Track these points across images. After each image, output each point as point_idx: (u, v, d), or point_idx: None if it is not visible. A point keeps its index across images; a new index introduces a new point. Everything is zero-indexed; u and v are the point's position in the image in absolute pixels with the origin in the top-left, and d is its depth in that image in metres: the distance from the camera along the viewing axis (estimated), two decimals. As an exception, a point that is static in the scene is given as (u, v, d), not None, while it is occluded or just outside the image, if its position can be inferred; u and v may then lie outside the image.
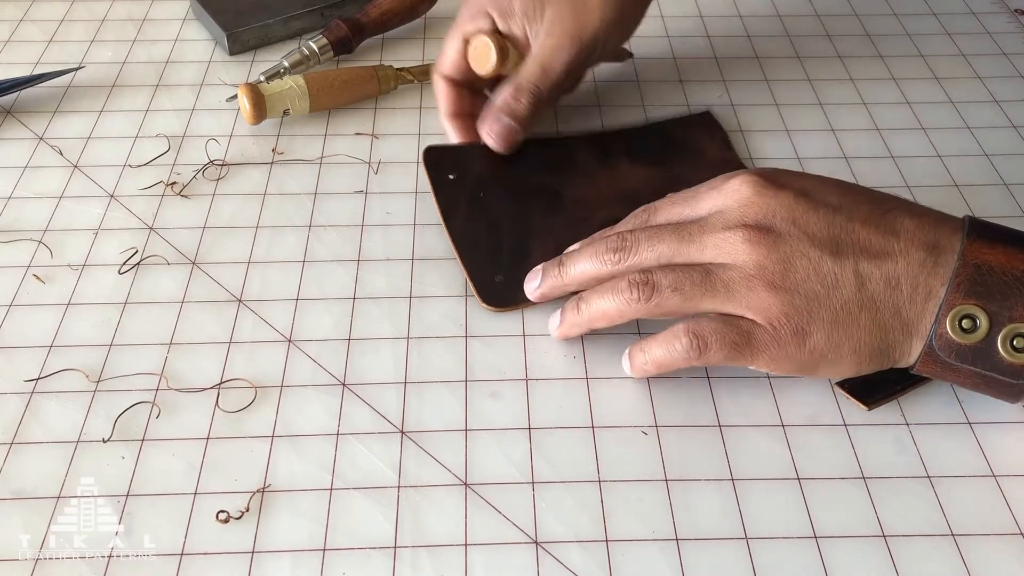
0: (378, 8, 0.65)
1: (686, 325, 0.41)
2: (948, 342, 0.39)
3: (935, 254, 0.39)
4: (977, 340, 0.39)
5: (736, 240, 0.41)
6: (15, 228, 0.52)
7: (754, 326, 0.40)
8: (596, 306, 0.43)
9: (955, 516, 0.40)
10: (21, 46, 0.66)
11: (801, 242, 0.40)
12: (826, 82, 0.64)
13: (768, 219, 0.41)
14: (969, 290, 0.38)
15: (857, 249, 0.40)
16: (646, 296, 0.41)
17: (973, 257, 0.39)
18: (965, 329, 0.39)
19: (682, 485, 0.41)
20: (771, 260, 0.40)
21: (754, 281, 0.40)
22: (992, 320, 0.38)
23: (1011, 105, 0.62)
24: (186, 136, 0.58)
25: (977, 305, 0.38)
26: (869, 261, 0.40)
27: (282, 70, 0.62)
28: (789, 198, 0.41)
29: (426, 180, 0.54)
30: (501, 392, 0.44)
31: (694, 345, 0.41)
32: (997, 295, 0.38)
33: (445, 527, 0.39)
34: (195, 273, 0.49)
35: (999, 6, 0.73)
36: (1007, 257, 0.39)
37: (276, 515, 0.39)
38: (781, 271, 0.40)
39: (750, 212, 0.41)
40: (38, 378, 0.44)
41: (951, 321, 0.39)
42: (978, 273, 0.38)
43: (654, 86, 0.63)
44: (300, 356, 0.45)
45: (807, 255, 0.40)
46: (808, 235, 0.40)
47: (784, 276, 0.40)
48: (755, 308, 0.40)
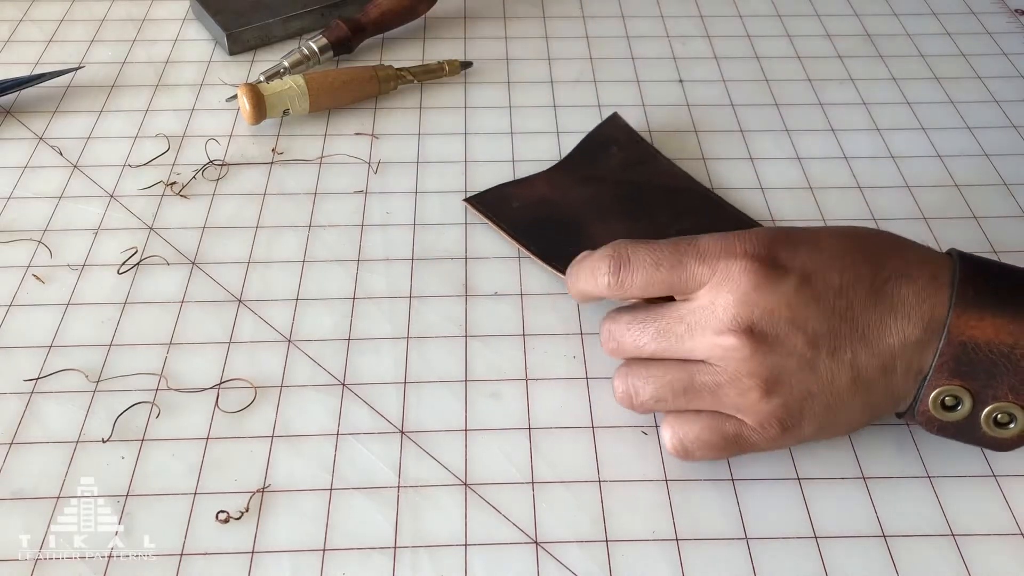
0: (378, 8, 0.65)
1: (672, 430, 0.40)
2: (930, 419, 0.38)
3: (928, 331, 0.38)
4: (960, 418, 0.38)
5: (728, 347, 0.37)
6: (15, 228, 0.52)
7: (742, 426, 0.39)
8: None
9: (955, 516, 0.40)
10: (21, 46, 0.66)
11: (797, 344, 0.37)
12: (826, 82, 0.64)
13: (767, 323, 0.37)
14: (954, 370, 0.37)
15: (855, 338, 0.38)
16: (627, 403, 0.41)
17: (959, 334, 0.37)
18: (947, 407, 0.38)
19: (682, 485, 0.41)
20: (765, 367, 0.37)
21: (745, 388, 0.38)
22: (976, 399, 0.37)
23: (1011, 105, 0.62)
24: (186, 136, 0.58)
25: (961, 386, 0.37)
26: (866, 350, 0.38)
27: (282, 70, 0.62)
28: (789, 291, 0.38)
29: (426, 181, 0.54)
30: (501, 392, 0.44)
31: (677, 451, 0.40)
32: (982, 374, 0.37)
33: (445, 527, 0.39)
34: (195, 273, 0.49)
35: (999, 6, 0.72)
36: (995, 330, 0.37)
37: (276, 515, 0.39)
38: (775, 378, 0.37)
39: (745, 313, 0.37)
40: (38, 378, 0.44)
41: (933, 401, 0.38)
42: (964, 352, 0.37)
43: (653, 86, 0.63)
44: (300, 356, 0.45)
45: (803, 356, 0.37)
46: (806, 334, 0.37)
47: (777, 382, 0.38)
48: (744, 411, 0.39)
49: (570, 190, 0.54)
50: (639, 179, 0.55)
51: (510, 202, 0.53)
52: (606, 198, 0.53)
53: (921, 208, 0.54)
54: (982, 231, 0.53)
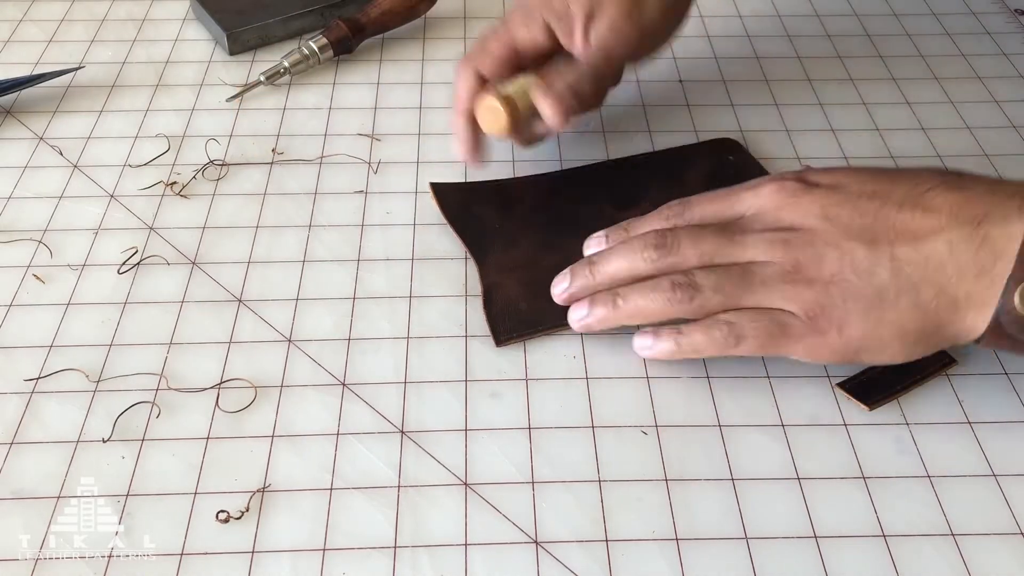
0: (378, 8, 0.65)
1: (727, 315, 0.42)
2: (1016, 317, 0.38)
3: (984, 227, 0.38)
4: None
5: (774, 240, 0.42)
6: (15, 228, 0.52)
7: (791, 317, 0.41)
8: (634, 304, 0.43)
9: (955, 516, 0.40)
10: (21, 46, 0.66)
11: (834, 235, 0.41)
12: (826, 82, 0.64)
13: (802, 219, 0.42)
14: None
15: (893, 234, 0.40)
16: (688, 296, 0.42)
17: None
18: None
19: (682, 485, 0.41)
20: (806, 256, 0.41)
21: (790, 276, 0.41)
22: None
23: (1011, 105, 0.62)
24: (186, 136, 0.58)
25: None
26: (906, 244, 0.39)
27: (282, 70, 0.62)
28: (821, 195, 0.42)
29: (426, 181, 0.54)
30: (501, 392, 0.44)
31: (732, 334, 0.41)
32: None
33: (445, 527, 0.39)
34: (195, 273, 0.49)
35: (999, 6, 0.73)
36: None
37: (276, 515, 0.39)
38: (816, 265, 0.41)
39: (785, 215, 0.42)
40: (38, 378, 0.44)
41: (1020, 296, 0.38)
42: None
43: (653, 86, 0.63)
44: (300, 356, 0.45)
45: (840, 247, 0.40)
46: (841, 227, 0.41)
47: (819, 270, 0.41)
48: (792, 301, 0.41)
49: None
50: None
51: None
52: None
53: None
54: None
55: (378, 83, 0.63)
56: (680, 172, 0.55)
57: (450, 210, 0.52)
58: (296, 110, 0.61)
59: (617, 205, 0.52)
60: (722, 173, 0.53)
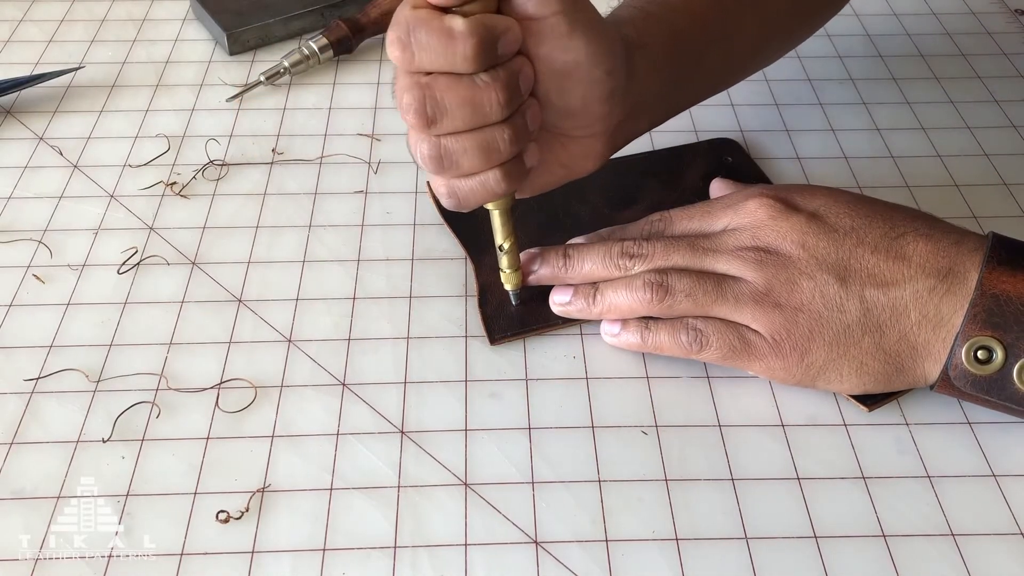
0: (378, 8, 0.65)
1: (696, 321, 0.43)
2: (963, 372, 0.39)
3: (947, 281, 0.40)
4: (992, 371, 0.39)
5: (748, 260, 0.42)
6: (15, 228, 0.52)
7: (756, 336, 0.42)
8: (609, 300, 0.44)
9: (955, 516, 0.40)
10: (21, 46, 0.66)
11: (809, 265, 0.41)
12: (826, 82, 0.64)
13: (779, 243, 0.42)
14: (986, 321, 0.39)
15: (864, 275, 0.41)
16: (659, 297, 0.43)
17: (992, 286, 0.39)
18: (980, 360, 0.39)
19: (682, 485, 0.41)
20: (779, 280, 0.42)
21: (762, 297, 0.42)
22: (1008, 352, 0.39)
23: (1011, 105, 0.62)
24: (186, 136, 0.58)
25: (993, 337, 0.39)
26: (875, 288, 0.40)
27: (282, 70, 0.62)
28: (801, 222, 0.42)
29: (425, 182, 0.54)
30: (501, 392, 0.44)
31: (697, 340, 0.42)
32: (1014, 326, 0.38)
33: (445, 527, 0.39)
34: (195, 273, 0.49)
35: (999, 6, 0.73)
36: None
37: (276, 515, 0.39)
38: (787, 291, 0.41)
39: (762, 235, 0.43)
40: (38, 378, 0.44)
41: (967, 352, 0.39)
42: (996, 304, 0.39)
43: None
44: (300, 356, 0.45)
45: (814, 278, 0.41)
46: (816, 259, 0.41)
47: (790, 295, 0.41)
48: (760, 321, 0.42)
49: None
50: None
51: None
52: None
53: (921, 208, 0.54)
54: (982, 231, 0.52)
55: (378, 83, 0.63)
56: (678, 172, 0.55)
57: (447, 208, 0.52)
58: (296, 110, 0.61)
59: (614, 205, 0.53)
60: (720, 174, 0.53)
